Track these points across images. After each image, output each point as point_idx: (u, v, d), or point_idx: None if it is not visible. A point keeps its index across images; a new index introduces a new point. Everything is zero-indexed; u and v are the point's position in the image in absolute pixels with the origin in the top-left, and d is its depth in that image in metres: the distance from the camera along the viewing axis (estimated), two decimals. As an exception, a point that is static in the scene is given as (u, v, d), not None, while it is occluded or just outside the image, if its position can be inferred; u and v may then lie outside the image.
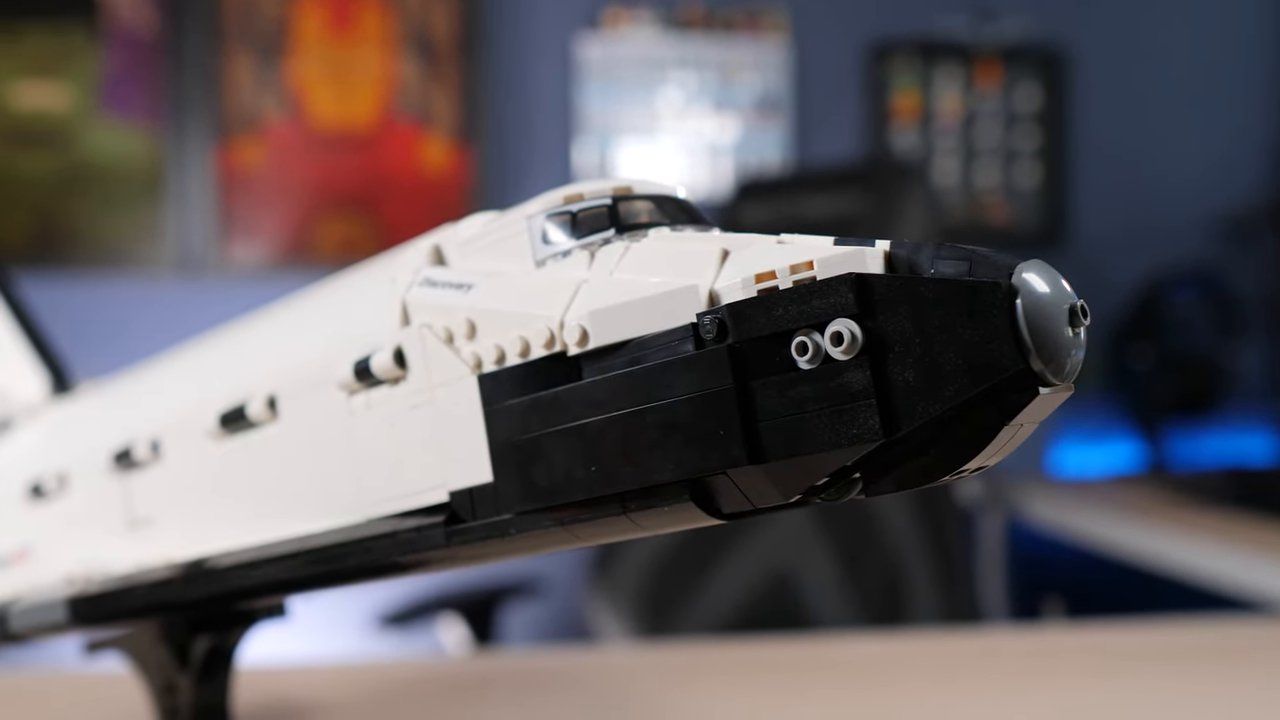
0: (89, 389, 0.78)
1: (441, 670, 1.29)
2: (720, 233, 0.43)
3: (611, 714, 1.00)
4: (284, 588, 0.52)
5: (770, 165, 3.28)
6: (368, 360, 0.48)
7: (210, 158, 3.11)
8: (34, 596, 0.61)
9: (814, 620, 1.82)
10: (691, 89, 3.29)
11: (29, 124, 3.08)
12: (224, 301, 3.05)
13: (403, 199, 3.20)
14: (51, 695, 1.11)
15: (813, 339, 0.37)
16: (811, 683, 1.09)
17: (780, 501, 0.39)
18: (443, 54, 3.20)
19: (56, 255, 3.03)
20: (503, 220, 0.47)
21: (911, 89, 3.37)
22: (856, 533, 1.85)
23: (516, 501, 0.43)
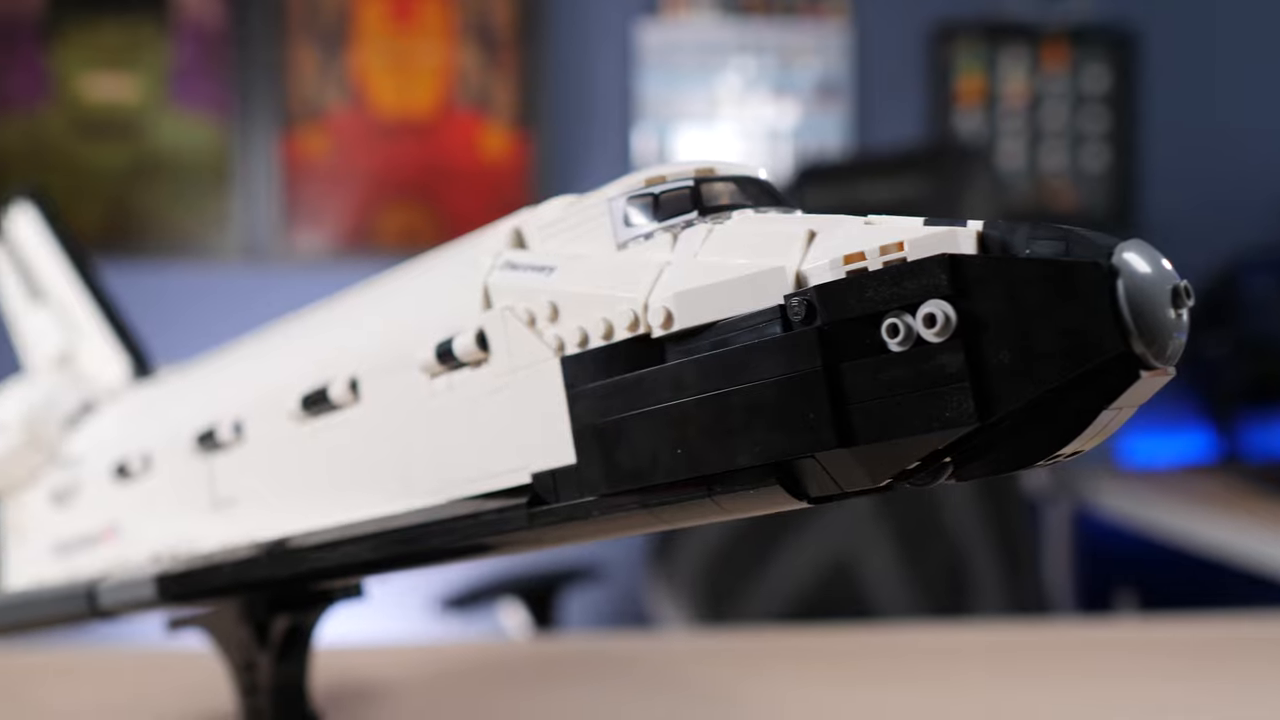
0: (170, 372, 0.80)
1: (505, 653, 1.30)
2: (804, 214, 0.43)
3: (672, 700, 1.00)
4: (366, 568, 0.53)
5: (831, 150, 3.25)
6: (450, 343, 0.48)
7: (275, 147, 3.15)
8: (122, 574, 0.62)
9: (874, 609, 1.81)
10: (751, 74, 3.27)
11: (101, 115, 3.14)
12: (288, 288, 3.09)
13: (462, 187, 3.22)
14: (135, 671, 1.13)
15: (904, 321, 0.36)
16: (873, 672, 1.09)
17: (869, 485, 0.39)
18: (502, 42, 3.21)
19: (127, 243, 3.09)
20: (583, 203, 0.47)
21: (976, 71, 3.32)
22: (918, 521, 1.83)
23: (600, 483, 0.43)
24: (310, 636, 0.69)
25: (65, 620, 0.65)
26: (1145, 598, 2.68)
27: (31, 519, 0.80)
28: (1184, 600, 2.48)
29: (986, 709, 0.96)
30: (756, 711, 0.96)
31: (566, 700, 1.01)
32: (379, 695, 1.01)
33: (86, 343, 0.87)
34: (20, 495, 0.82)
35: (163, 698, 0.99)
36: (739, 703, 0.98)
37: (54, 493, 0.78)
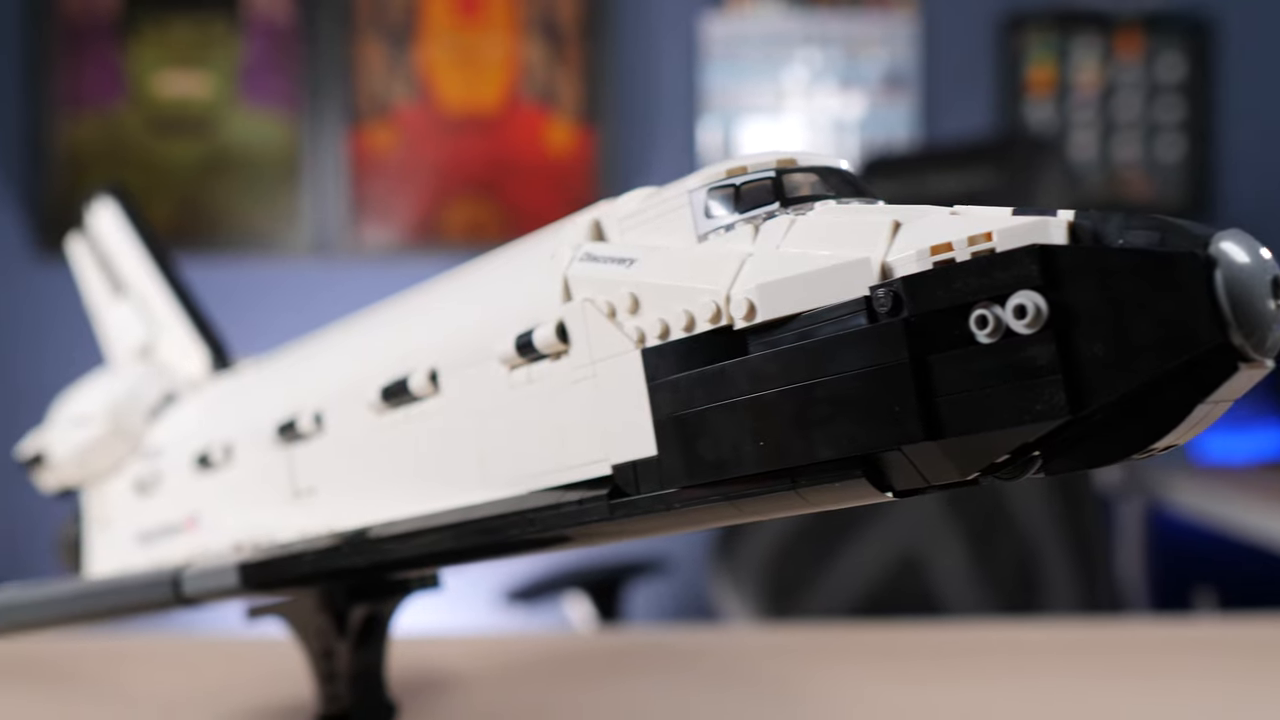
0: (249, 364, 0.81)
1: (572, 646, 1.30)
2: (887, 205, 0.43)
3: (740, 694, 1.00)
4: (446, 558, 0.53)
5: (898, 142, 3.22)
6: (530, 335, 0.48)
7: (343, 143, 3.19)
8: (205, 562, 0.63)
9: (943, 606, 1.79)
10: (817, 66, 3.25)
11: (174, 112, 3.20)
12: (356, 283, 3.13)
13: (528, 181, 3.24)
14: (216, 658, 1.15)
15: (993, 312, 0.36)
16: (942, 669, 1.08)
17: (956, 479, 0.38)
18: (568, 36, 3.22)
19: (199, 238, 3.14)
20: (663, 195, 0.46)
21: (1047, 60, 3.27)
22: (987, 516, 1.81)
23: (681, 475, 0.43)
24: (388, 626, 0.69)
25: (150, 607, 0.67)
26: (1225, 597, 2.62)
27: (115, 508, 0.82)
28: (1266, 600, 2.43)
29: (1059, 708, 0.95)
30: (824, 707, 0.95)
31: (634, 693, 1.01)
32: (451, 685, 1.02)
33: (167, 335, 0.89)
34: (104, 485, 0.83)
35: (243, 684, 1.00)
36: (806, 698, 0.98)
37: (137, 482, 0.79)
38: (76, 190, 3.09)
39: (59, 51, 3.14)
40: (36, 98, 3.14)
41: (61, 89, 3.15)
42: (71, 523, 0.89)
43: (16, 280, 3.18)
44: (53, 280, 3.10)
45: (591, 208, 0.50)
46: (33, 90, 3.14)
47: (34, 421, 0.92)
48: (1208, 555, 2.66)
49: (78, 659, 1.12)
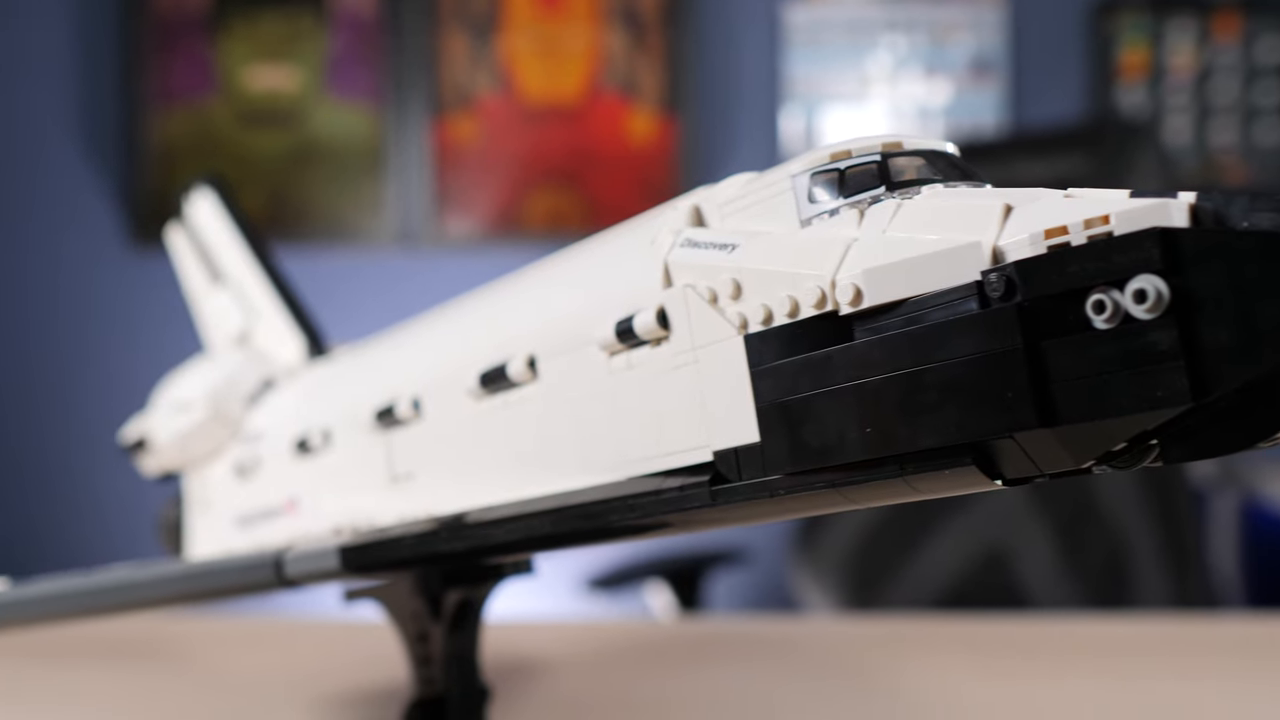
0: (345, 351, 0.82)
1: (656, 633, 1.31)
2: (997, 188, 0.42)
3: (822, 684, 1.00)
4: (544, 543, 0.54)
5: (984, 128, 3.17)
6: (630, 321, 0.48)
7: (426, 134, 3.22)
8: (307, 545, 0.64)
9: (1029, 599, 1.77)
10: (901, 52, 3.21)
11: (262, 105, 3.26)
12: (438, 272, 3.17)
13: (609, 171, 3.24)
14: (313, 640, 1.18)
15: (1111, 297, 0.35)
16: (1029, 663, 1.06)
17: (1070, 467, 0.38)
18: (649, 25, 3.22)
19: (286, 229, 3.20)
20: (765, 180, 0.46)
21: (1140, 44, 3.19)
22: (1076, 508, 1.78)
23: (785, 462, 0.42)
24: (481, 610, 0.70)
25: (252, 589, 0.68)
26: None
27: (215, 492, 0.84)
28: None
29: (1150, 706, 0.93)
30: (908, 698, 0.94)
31: (719, 682, 1.01)
32: (539, 671, 1.03)
33: (264, 322, 0.91)
34: (204, 469, 0.85)
35: (339, 667, 1.02)
36: (890, 689, 0.97)
37: (237, 466, 0.81)
38: (169, 182, 3.17)
39: (151, 48, 3.22)
40: (130, 93, 3.22)
41: (154, 84, 3.22)
42: (172, 506, 0.91)
43: (112, 271, 3.27)
44: (146, 270, 3.19)
45: (691, 194, 0.50)
46: (126, 86, 3.22)
47: (131, 407, 0.94)
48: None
49: (177, 640, 1.15)
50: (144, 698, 0.96)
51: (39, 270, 3.30)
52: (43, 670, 1.04)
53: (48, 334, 3.30)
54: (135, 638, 1.13)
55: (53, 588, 0.72)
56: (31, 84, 3.27)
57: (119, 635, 1.12)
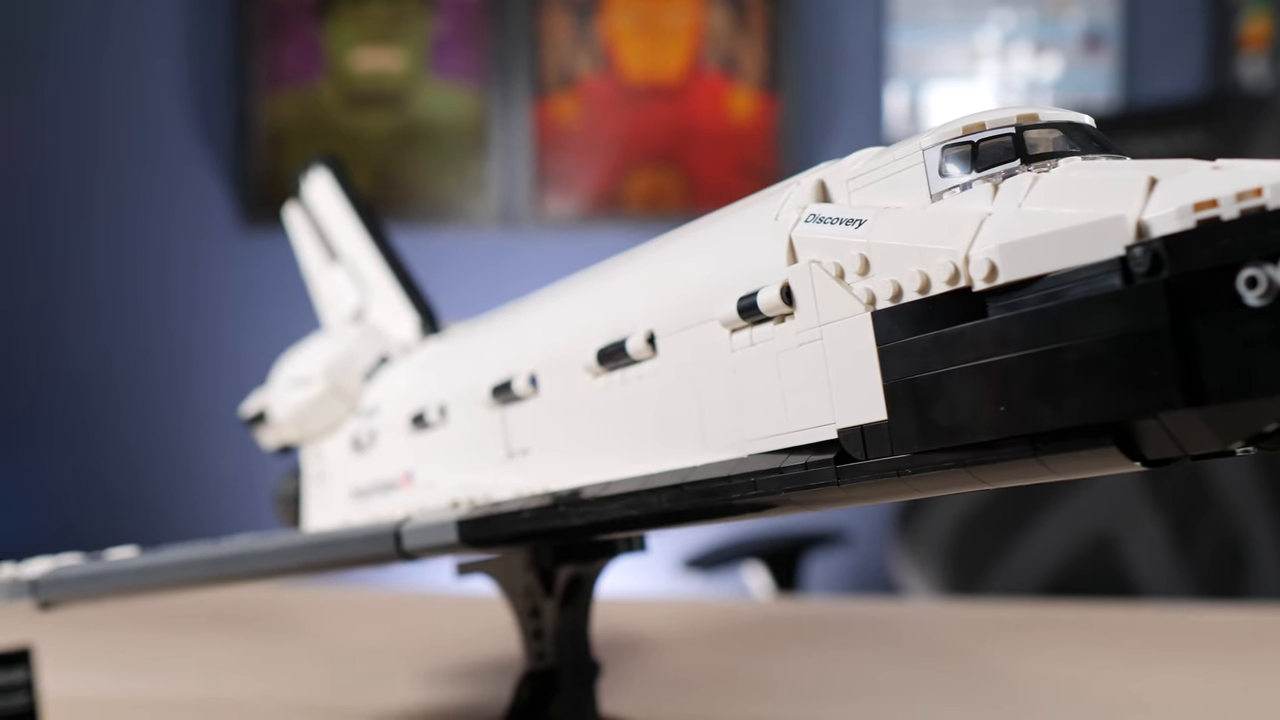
0: (459, 328, 0.83)
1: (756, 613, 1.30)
2: (1138, 160, 0.41)
3: (924, 666, 0.98)
4: (661, 519, 0.53)
5: (1096, 104, 3.08)
6: (753, 297, 0.48)
7: (528, 114, 3.24)
8: (425, 517, 0.65)
9: (1139, 587, 1.72)
10: (1010, 26, 3.13)
11: (369, 87, 3.31)
12: (539, 252, 3.19)
13: (709, 150, 3.23)
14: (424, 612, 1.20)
15: (1265, 272, 0.33)
16: (1140, 651, 1.03)
17: (1216, 448, 0.36)
18: (750, 3, 3.19)
19: (391, 209, 3.25)
20: (893, 153, 0.45)
21: (1263, 14, 3.06)
22: (1189, 493, 1.73)
23: (914, 441, 0.42)
24: (593, 586, 0.71)
25: (371, 560, 0.69)
26: None
27: (332, 465, 0.86)
28: None
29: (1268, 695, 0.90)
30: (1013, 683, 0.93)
31: (821, 662, 1.00)
32: (645, 647, 1.03)
33: (379, 300, 0.92)
34: (322, 443, 0.87)
35: (451, 639, 1.04)
36: (994, 673, 0.96)
37: (354, 440, 0.82)
38: (278, 164, 3.24)
39: (262, 32, 3.29)
40: (242, 77, 3.29)
41: (264, 68, 3.29)
42: (290, 479, 0.93)
43: (225, 250, 3.36)
44: (258, 249, 3.26)
45: (815, 169, 0.49)
46: (238, 70, 3.30)
47: (243, 382, 0.97)
48: None
49: (291, 610, 1.18)
50: (263, 665, 0.99)
51: (154, 250, 3.40)
52: (165, 636, 1.08)
53: (163, 312, 3.40)
54: (251, 608, 1.16)
55: (180, 555, 0.74)
56: (146, 69, 3.36)
57: (235, 605, 1.15)
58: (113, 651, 1.04)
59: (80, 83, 3.37)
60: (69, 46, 3.37)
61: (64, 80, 3.38)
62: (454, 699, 0.88)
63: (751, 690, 0.92)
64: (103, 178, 3.39)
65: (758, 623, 1.22)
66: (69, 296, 3.42)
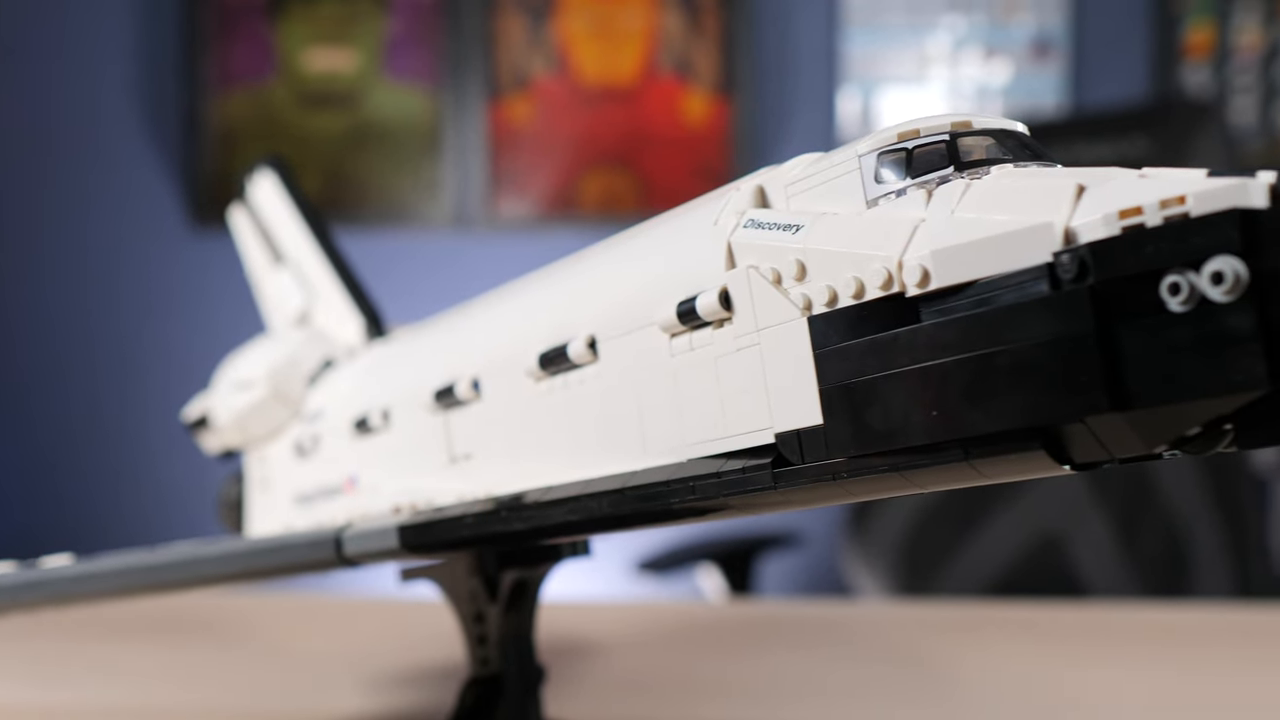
0: (404, 332, 0.82)
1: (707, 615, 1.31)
2: (1068, 168, 0.41)
3: (875, 667, 0.99)
4: (603, 524, 0.53)
5: (1044, 109, 3.12)
6: (692, 302, 0.48)
7: (482, 116, 3.23)
8: (366, 523, 0.65)
9: (1085, 586, 1.75)
10: (960, 32, 3.16)
11: (321, 86, 3.29)
12: (493, 254, 3.18)
13: (664, 152, 3.23)
14: (368, 618, 1.19)
15: (1187, 279, 0.34)
16: (1085, 650, 1.05)
17: (1142, 452, 0.37)
18: (705, 6, 3.20)
19: (343, 210, 3.23)
20: (830, 160, 0.45)
21: (1206, 22, 3.12)
22: (1134, 495, 1.75)
23: (849, 445, 0.42)
24: (538, 591, 0.70)
25: (312, 567, 0.69)
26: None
27: (275, 470, 0.85)
28: None
29: (1211, 694, 0.91)
30: (961, 683, 0.94)
31: (772, 664, 1.00)
32: (593, 651, 1.03)
33: (324, 302, 0.91)
34: (265, 447, 0.86)
35: (396, 645, 1.03)
36: (943, 673, 0.97)
37: (297, 445, 0.82)
38: (229, 164, 3.21)
39: (213, 31, 3.25)
40: (192, 76, 3.26)
41: (215, 67, 3.26)
42: (232, 484, 0.92)
43: (175, 251, 3.32)
44: (208, 251, 3.23)
45: (755, 174, 0.49)
46: (188, 69, 3.26)
47: (190, 386, 0.96)
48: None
49: (235, 616, 1.17)
50: (202, 672, 0.98)
51: (104, 252, 3.35)
52: (103, 645, 1.06)
53: (110, 313, 3.36)
54: (193, 614, 1.15)
55: (117, 563, 0.73)
56: (95, 68, 3.32)
57: (177, 611, 1.14)
58: (47, 662, 1.02)
59: (28, 83, 3.32)
60: (15, 46, 3.31)
61: (11, 80, 3.33)
62: (397, 705, 0.87)
63: (701, 692, 0.92)
64: (51, 178, 3.34)
65: (710, 625, 1.22)
66: (17, 298, 3.37)
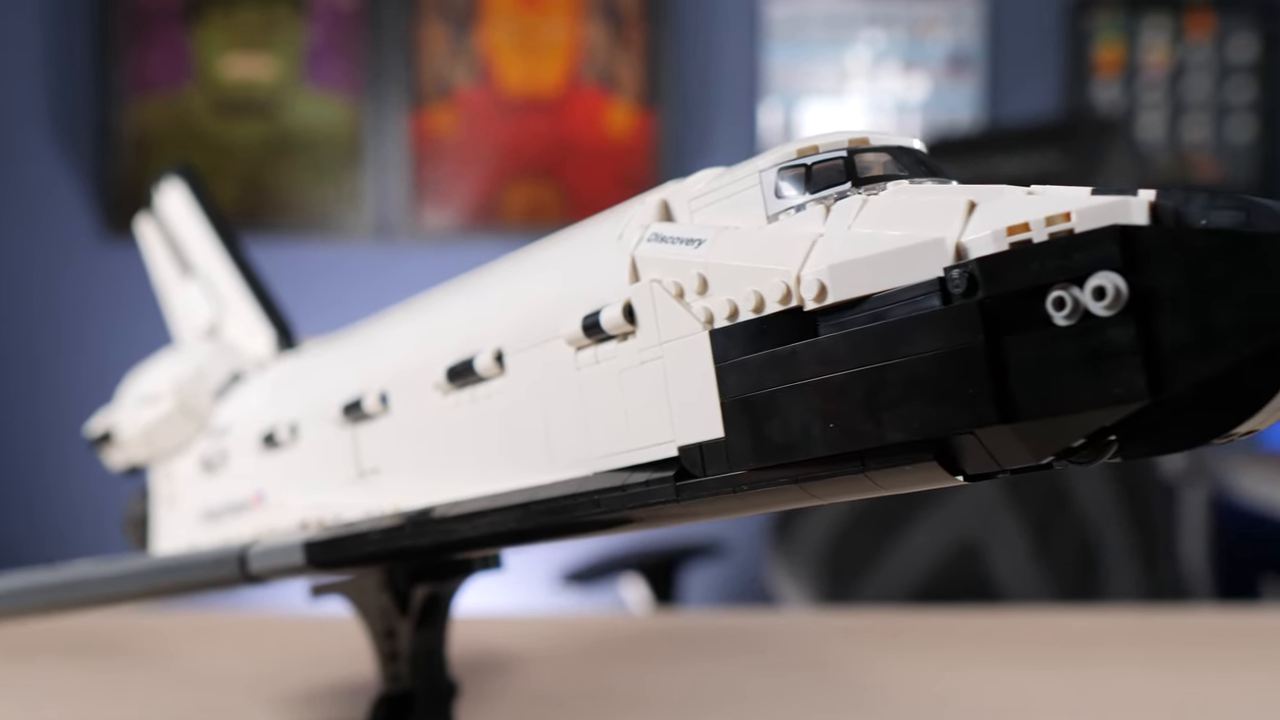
0: (314, 345, 0.81)
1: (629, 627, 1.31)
2: (961, 185, 0.42)
3: (795, 676, 1.00)
4: (510, 538, 0.53)
5: (961, 124, 3.18)
6: (597, 315, 0.48)
7: (405, 125, 3.21)
8: (271, 540, 0.64)
9: (1002, 592, 1.78)
10: (880, 47, 3.21)
11: (239, 94, 3.24)
12: (416, 265, 3.15)
13: (587, 163, 3.24)
14: (278, 635, 1.17)
15: (1072, 294, 0.35)
16: (1001, 655, 1.07)
17: (1030, 463, 0.38)
18: (628, 18, 3.21)
19: (262, 220, 3.18)
20: (732, 175, 0.46)
21: (1115, 41, 3.21)
22: (1048, 502, 1.79)
23: (749, 457, 0.42)
24: (449, 606, 0.70)
25: (217, 584, 0.67)
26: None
27: (181, 486, 0.83)
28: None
29: (1121, 695, 0.93)
30: (882, 690, 0.95)
31: (692, 675, 1.01)
32: (510, 665, 1.02)
33: (233, 315, 0.90)
34: (171, 463, 0.85)
35: (306, 662, 1.02)
36: (863, 681, 0.98)
37: (203, 460, 0.80)
38: (144, 172, 3.14)
39: (127, 36, 3.19)
40: (105, 82, 3.19)
41: (129, 73, 3.19)
42: (138, 500, 0.90)
43: (85, 261, 3.24)
44: (121, 261, 3.16)
45: (659, 188, 0.50)
46: (101, 75, 3.19)
47: (102, 400, 0.94)
48: (1274, 543, 2.61)
49: (139, 635, 1.14)
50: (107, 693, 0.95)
51: (10, 260, 3.27)
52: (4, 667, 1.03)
53: (18, 325, 3.27)
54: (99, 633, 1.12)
55: (15, 583, 0.71)
56: (4, 73, 3.23)
57: (82, 631, 1.11)
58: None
59: (-70, 86, 3.23)
60: (-82, 48, 3.22)
61: (-88, 83, 3.23)
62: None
63: (617, 704, 0.92)
64: (-45, 185, 3.25)
65: (631, 636, 1.22)
66: (-82, 309, 3.27)
